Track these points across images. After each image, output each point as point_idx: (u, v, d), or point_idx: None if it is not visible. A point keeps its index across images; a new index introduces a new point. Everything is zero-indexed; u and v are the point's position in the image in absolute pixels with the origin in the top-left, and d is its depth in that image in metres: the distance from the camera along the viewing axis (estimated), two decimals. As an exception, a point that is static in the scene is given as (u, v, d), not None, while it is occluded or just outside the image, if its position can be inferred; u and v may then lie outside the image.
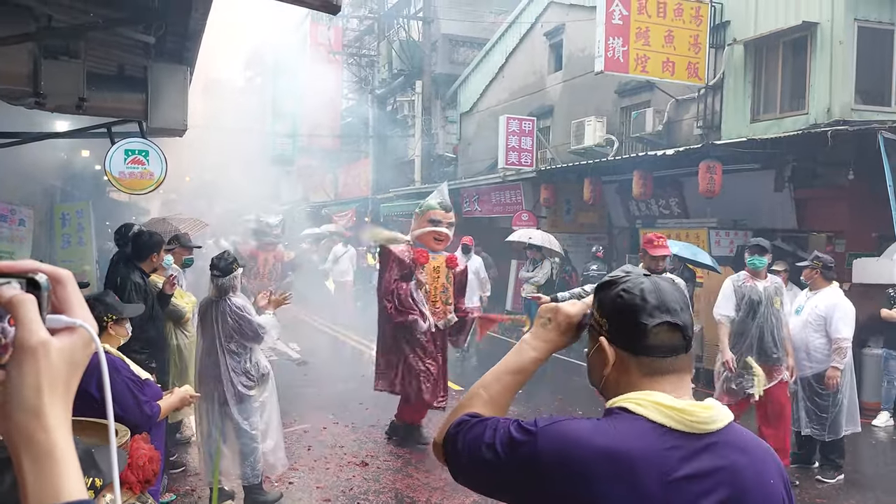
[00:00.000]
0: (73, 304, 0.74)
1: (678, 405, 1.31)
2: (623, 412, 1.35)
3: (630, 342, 1.36)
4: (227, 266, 4.90)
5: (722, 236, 10.15)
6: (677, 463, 1.28)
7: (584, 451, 1.30)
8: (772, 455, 1.41)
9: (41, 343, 0.70)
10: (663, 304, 1.35)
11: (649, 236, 5.94)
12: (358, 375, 9.78)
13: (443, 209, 5.41)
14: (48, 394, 0.70)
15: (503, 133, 15.03)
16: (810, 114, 9.77)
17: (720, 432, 1.33)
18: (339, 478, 5.81)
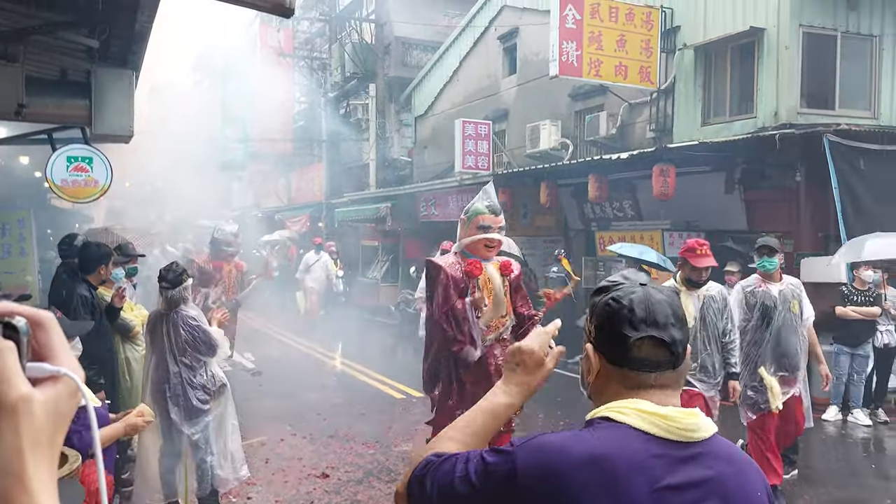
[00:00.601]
0: (55, 350, 0.67)
1: (661, 411, 1.28)
2: (604, 421, 1.31)
3: (613, 352, 1.33)
4: (175, 277, 4.76)
5: (676, 237, 10.30)
6: (664, 471, 1.24)
7: (565, 462, 1.25)
8: (755, 468, 1.39)
9: (21, 398, 0.62)
10: (651, 317, 1.30)
11: (690, 243, 5.20)
12: (316, 385, 9.65)
13: (492, 213, 4.91)
14: (30, 455, 0.62)
15: (459, 137, 15.02)
16: (758, 117, 9.99)
17: (705, 442, 1.30)
18: (298, 491, 5.69)
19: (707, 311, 5.11)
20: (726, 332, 5.19)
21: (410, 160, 20.53)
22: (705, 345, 5.11)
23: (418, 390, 9.21)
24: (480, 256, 4.97)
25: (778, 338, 5.45)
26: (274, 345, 13.06)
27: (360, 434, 7.26)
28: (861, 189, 8.54)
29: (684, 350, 1.35)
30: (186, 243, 14.52)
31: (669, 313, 1.32)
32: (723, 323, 5.18)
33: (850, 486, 6.09)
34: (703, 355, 5.08)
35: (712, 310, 5.12)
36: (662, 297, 1.34)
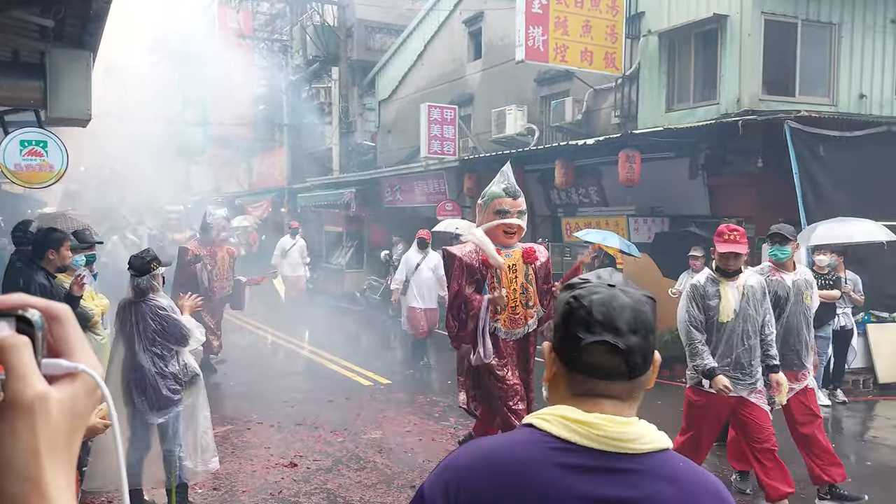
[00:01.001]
0: (72, 345, 0.62)
1: (584, 418, 1.18)
2: (528, 428, 1.24)
3: (567, 353, 1.25)
4: (143, 265, 4.62)
5: (640, 223, 10.41)
6: (576, 482, 1.15)
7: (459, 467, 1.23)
8: (715, 491, 1.22)
9: (38, 397, 0.57)
10: (609, 322, 1.20)
11: (720, 228, 4.85)
12: (282, 373, 9.55)
13: (510, 196, 4.48)
14: (47, 457, 0.57)
15: (425, 121, 14.92)
16: (721, 104, 10.10)
17: (642, 458, 1.18)
18: (266, 480, 5.61)
19: (748, 303, 4.75)
20: (765, 325, 4.86)
21: (374, 145, 20.36)
22: (743, 340, 4.76)
23: (385, 377, 9.20)
24: (500, 244, 4.58)
25: (788, 330, 5.20)
26: (238, 333, 12.87)
27: (328, 422, 7.20)
28: (820, 175, 8.70)
29: (645, 361, 1.24)
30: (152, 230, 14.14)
31: (632, 319, 1.21)
32: (761, 315, 4.83)
33: (810, 466, 6.23)
34: (738, 350, 4.75)
35: (754, 301, 4.77)
36: (628, 302, 1.23)
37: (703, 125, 9.23)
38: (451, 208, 13.69)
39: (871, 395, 8.77)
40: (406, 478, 5.64)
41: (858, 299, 8.33)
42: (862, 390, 8.82)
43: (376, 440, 6.63)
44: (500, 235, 4.57)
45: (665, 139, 9.61)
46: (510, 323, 4.76)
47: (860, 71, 10.38)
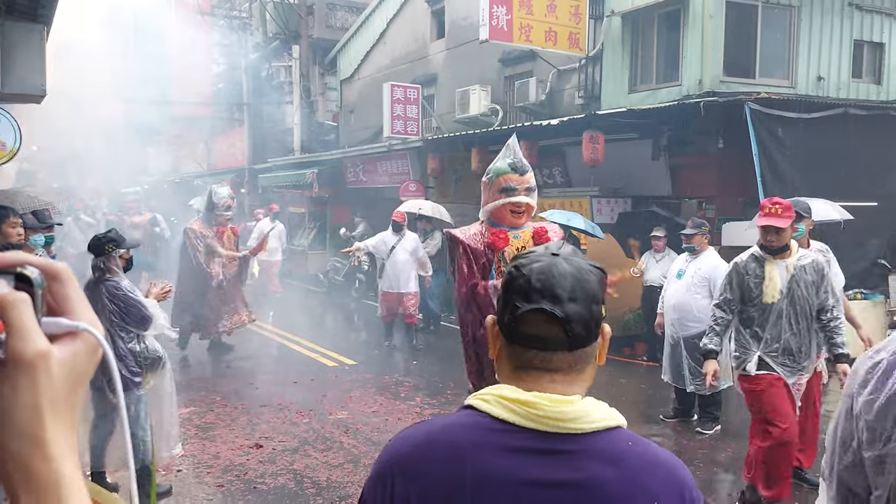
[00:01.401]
0: (73, 304, 0.61)
1: (522, 397, 1.13)
2: (467, 409, 1.19)
3: (506, 326, 1.20)
4: (97, 245, 4.55)
5: (603, 204, 10.49)
6: (517, 465, 1.11)
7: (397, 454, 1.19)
8: (666, 471, 1.16)
9: (39, 354, 0.56)
10: (548, 290, 1.15)
11: (762, 202, 4.52)
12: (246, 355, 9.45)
13: (517, 171, 4.12)
14: (49, 416, 0.56)
15: (387, 101, 14.79)
16: (683, 85, 10.20)
17: (586, 438, 1.12)
18: (231, 461, 5.56)
19: (797, 284, 4.41)
20: (826, 309, 4.50)
21: (336, 125, 20.14)
22: (791, 324, 4.45)
23: (350, 358, 9.17)
24: (508, 225, 4.21)
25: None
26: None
27: (293, 403, 7.16)
28: (779, 156, 8.87)
29: (588, 332, 1.17)
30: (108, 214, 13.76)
31: (573, 287, 1.16)
32: (819, 299, 4.47)
33: (768, 439, 6.41)
34: (786, 335, 4.45)
35: (804, 283, 4.42)
36: (569, 269, 1.18)
37: (665, 106, 9.31)
38: (414, 189, 13.63)
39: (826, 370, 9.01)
40: (373, 457, 5.61)
41: (814, 278, 8.53)
42: (816, 366, 9.05)
43: (342, 420, 6.61)
44: (508, 216, 4.17)
45: (628, 120, 9.68)
46: None
47: (818, 53, 10.57)
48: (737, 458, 5.74)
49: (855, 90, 10.82)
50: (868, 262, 9.81)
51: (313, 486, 5.10)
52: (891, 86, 11.29)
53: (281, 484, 5.16)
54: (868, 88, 11.07)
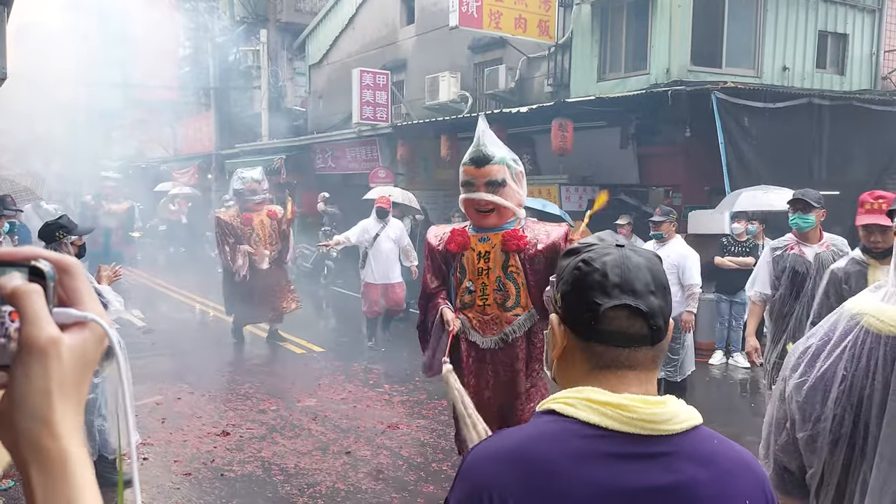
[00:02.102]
0: (82, 296, 0.65)
1: (614, 400, 1.09)
2: (549, 415, 1.13)
3: (581, 324, 1.14)
4: (47, 232, 4.50)
5: (572, 192, 10.56)
6: (615, 473, 1.07)
7: (484, 468, 1.11)
8: (750, 470, 1.16)
9: (51, 341, 0.61)
10: (627, 284, 1.12)
11: (862, 196, 3.94)
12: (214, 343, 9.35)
13: (473, 163, 3.55)
14: (58, 398, 0.61)
15: (357, 87, 14.66)
16: (652, 74, 10.28)
17: (676, 439, 1.10)
18: (198, 450, 5.51)
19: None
20: None
21: (305, 110, 19.93)
22: None
23: (319, 345, 9.12)
24: (475, 224, 3.69)
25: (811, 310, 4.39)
26: (168, 302, 12.53)
27: (260, 391, 7.10)
28: (744, 145, 8.99)
29: (666, 323, 1.15)
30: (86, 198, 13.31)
31: (650, 280, 1.13)
32: None
33: (731, 423, 6.53)
34: None
35: None
36: (641, 261, 1.15)
37: (633, 95, 9.37)
38: (383, 175, 13.56)
39: (760, 356, 9.20)
40: (341, 444, 5.62)
41: (775, 266, 8.68)
42: (778, 351, 9.23)
43: (311, 408, 6.58)
44: (474, 214, 3.65)
45: (597, 108, 9.73)
46: (480, 325, 3.75)
47: (784, 43, 10.72)
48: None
49: (819, 80, 11.00)
50: (829, 249, 10.01)
51: (281, 474, 5.07)
52: (853, 76, 11.51)
53: (249, 471, 5.12)
54: (832, 79, 11.26)
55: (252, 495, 4.74)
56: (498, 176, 3.55)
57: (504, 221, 3.66)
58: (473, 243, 3.71)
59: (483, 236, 3.70)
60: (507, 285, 3.66)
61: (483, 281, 3.70)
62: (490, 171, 3.54)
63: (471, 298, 3.74)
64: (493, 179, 3.54)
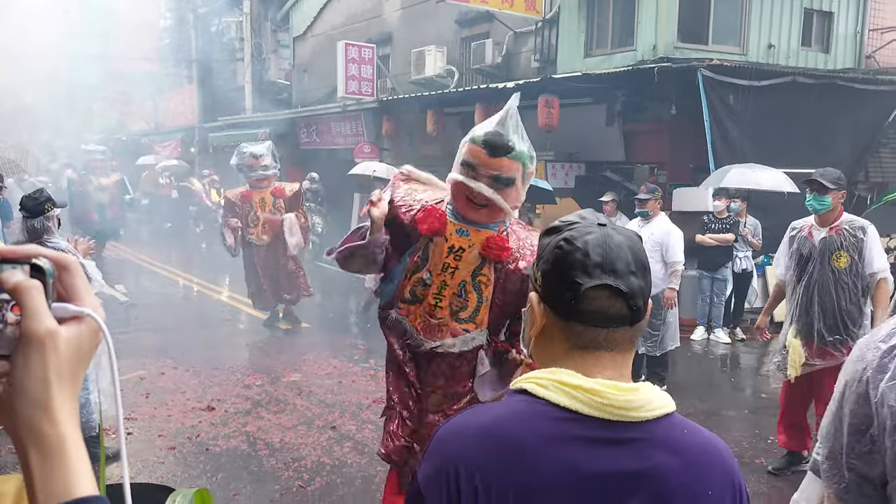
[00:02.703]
0: (79, 292, 0.70)
1: (586, 384, 1.09)
2: (521, 394, 1.14)
3: (561, 303, 1.13)
4: (35, 206, 4.45)
5: (558, 169, 10.56)
6: (584, 456, 1.07)
7: (454, 444, 1.13)
8: (720, 460, 1.16)
9: (49, 333, 0.66)
10: (608, 264, 1.11)
11: None
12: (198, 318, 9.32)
13: (488, 149, 2.83)
14: (56, 386, 0.66)
15: (342, 60, 14.51)
16: (638, 51, 10.25)
17: (648, 426, 1.10)
18: (183, 424, 5.52)
19: None
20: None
21: (289, 84, 19.72)
22: None
23: (304, 320, 9.12)
24: (461, 212, 3.04)
25: (811, 296, 4.46)
26: (151, 277, 12.45)
27: (245, 366, 7.12)
28: (729, 123, 9.02)
29: (645, 304, 1.15)
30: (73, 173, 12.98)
31: (630, 259, 1.13)
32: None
33: (711, 398, 6.64)
34: None
35: None
36: (623, 241, 1.14)
37: (620, 71, 9.35)
38: (368, 150, 13.49)
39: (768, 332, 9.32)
40: (326, 419, 5.65)
41: (756, 244, 8.77)
42: (759, 328, 9.35)
43: (296, 383, 6.60)
44: (463, 202, 2.99)
45: (583, 85, 9.70)
46: (422, 328, 3.12)
47: (769, 21, 10.71)
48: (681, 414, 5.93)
49: (804, 58, 11.03)
50: (811, 227, 10.11)
51: (266, 448, 5.10)
52: (838, 55, 11.54)
53: (234, 446, 5.14)
54: (816, 57, 11.29)
55: (237, 469, 4.76)
56: (509, 173, 2.88)
57: (492, 220, 3.04)
58: (449, 232, 3.05)
59: (463, 228, 3.05)
60: (470, 294, 3.06)
61: (444, 279, 3.06)
62: (502, 165, 2.85)
63: (423, 293, 3.08)
64: (501, 176, 2.87)
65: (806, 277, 4.49)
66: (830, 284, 4.39)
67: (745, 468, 4.86)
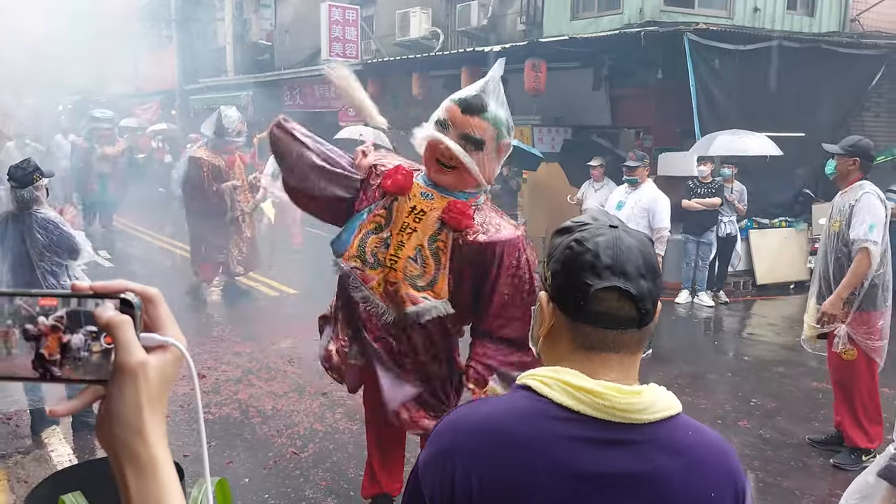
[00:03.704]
0: (164, 322, 0.77)
1: (588, 385, 1.10)
2: (525, 391, 1.15)
3: (570, 304, 1.14)
4: (24, 176, 4.42)
5: (545, 133, 10.55)
6: (581, 456, 1.08)
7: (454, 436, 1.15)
8: (723, 463, 1.15)
9: (140, 364, 0.72)
10: (618, 266, 1.12)
11: None
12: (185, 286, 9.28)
13: (460, 105, 2.82)
14: (148, 411, 0.73)
15: (325, 22, 14.26)
16: (625, 14, 10.15)
17: (651, 428, 1.10)
18: (174, 393, 5.54)
19: None
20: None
21: (271, 44, 19.37)
22: None
23: (292, 287, 9.14)
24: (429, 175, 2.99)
25: (826, 262, 4.51)
26: (135, 243, 12.36)
27: (235, 333, 7.15)
28: (715, 87, 9.03)
29: (654, 307, 1.15)
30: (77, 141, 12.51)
31: (641, 262, 1.13)
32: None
33: (695, 362, 6.78)
34: None
35: None
36: (634, 243, 1.15)
37: (606, 35, 9.29)
38: (353, 114, 13.34)
39: (751, 295, 9.51)
40: (317, 386, 5.71)
41: (741, 209, 8.86)
42: (742, 291, 9.53)
43: (286, 350, 6.65)
44: (432, 165, 2.94)
45: (570, 49, 9.64)
46: (382, 292, 3.01)
47: (756, -16, 10.64)
48: (667, 380, 6.06)
49: (789, 22, 10.98)
50: (794, 191, 10.23)
51: (259, 415, 5.16)
52: (823, 18, 11.50)
53: (226, 413, 5.20)
54: (801, 20, 11.24)
55: (230, 437, 4.83)
56: (480, 134, 2.82)
57: (461, 188, 2.95)
58: (414, 193, 2.99)
59: (427, 192, 2.98)
60: (427, 260, 2.94)
61: (401, 240, 2.97)
62: (473, 124, 2.80)
63: (383, 256, 2.98)
64: (472, 135, 2.81)
65: (822, 243, 4.64)
66: (829, 249, 4.49)
67: (728, 430, 5.00)
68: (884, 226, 4.31)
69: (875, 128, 10.79)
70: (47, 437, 4.79)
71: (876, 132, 10.56)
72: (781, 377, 6.28)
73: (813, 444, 4.84)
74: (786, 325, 8.30)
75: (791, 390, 5.95)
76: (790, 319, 8.62)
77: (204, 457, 0.87)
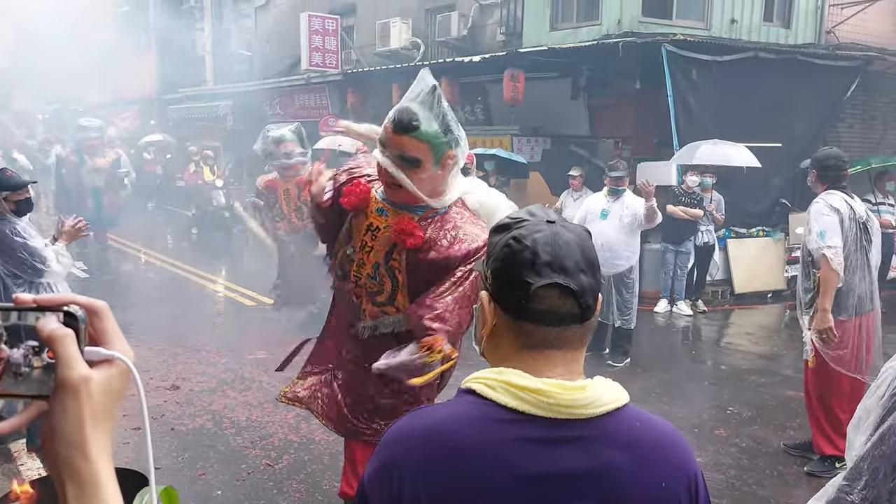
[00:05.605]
0: (109, 335, 0.75)
1: (532, 385, 1.07)
2: (469, 395, 1.12)
3: (512, 303, 1.12)
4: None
5: (524, 143, 10.56)
6: (531, 457, 1.06)
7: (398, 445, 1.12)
8: (674, 452, 1.14)
9: (82, 379, 0.71)
10: (557, 262, 1.10)
11: None
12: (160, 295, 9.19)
13: (392, 123, 2.69)
14: (90, 426, 0.71)
15: (305, 32, 14.24)
16: (603, 25, 10.23)
17: (597, 422, 1.08)
18: (148, 404, 5.45)
19: None
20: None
21: (251, 54, 19.32)
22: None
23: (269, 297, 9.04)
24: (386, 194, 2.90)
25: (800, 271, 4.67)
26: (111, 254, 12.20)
27: (210, 343, 7.05)
28: (692, 98, 9.10)
29: (595, 301, 1.13)
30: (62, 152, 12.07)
31: (580, 258, 1.11)
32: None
33: (673, 370, 6.78)
34: None
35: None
36: (572, 238, 1.13)
37: (585, 46, 9.34)
38: (333, 123, 13.32)
39: (728, 304, 9.56)
40: (293, 396, 5.64)
41: (719, 218, 8.92)
42: (720, 300, 9.58)
43: (261, 360, 6.57)
44: (383, 182, 2.86)
45: (549, 59, 9.68)
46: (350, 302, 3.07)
47: (733, -4, 10.77)
48: (645, 389, 6.06)
49: (766, 34, 11.11)
50: (771, 200, 10.31)
51: (233, 427, 5.08)
52: (799, 30, 11.65)
53: (199, 425, 5.12)
54: (778, 32, 11.38)
55: (203, 448, 4.74)
56: (413, 153, 2.67)
57: (413, 202, 2.84)
58: (371, 209, 2.92)
59: (384, 208, 2.90)
60: (384, 279, 2.90)
61: (362, 257, 2.94)
62: (404, 144, 2.67)
63: (348, 269, 2.99)
64: (404, 154, 2.68)
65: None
66: (802, 259, 4.57)
67: (704, 438, 4.99)
68: (839, 228, 4.20)
69: (850, 138, 10.93)
70: (17, 450, 4.68)
71: (850, 143, 10.70)
72: (758, 386, 6.30)
73: (788, 451, 4.86)
74: (763, 334, 8.35)
75: (767, 399, 5.96)
76: (767, 329, 8.68)
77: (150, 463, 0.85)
